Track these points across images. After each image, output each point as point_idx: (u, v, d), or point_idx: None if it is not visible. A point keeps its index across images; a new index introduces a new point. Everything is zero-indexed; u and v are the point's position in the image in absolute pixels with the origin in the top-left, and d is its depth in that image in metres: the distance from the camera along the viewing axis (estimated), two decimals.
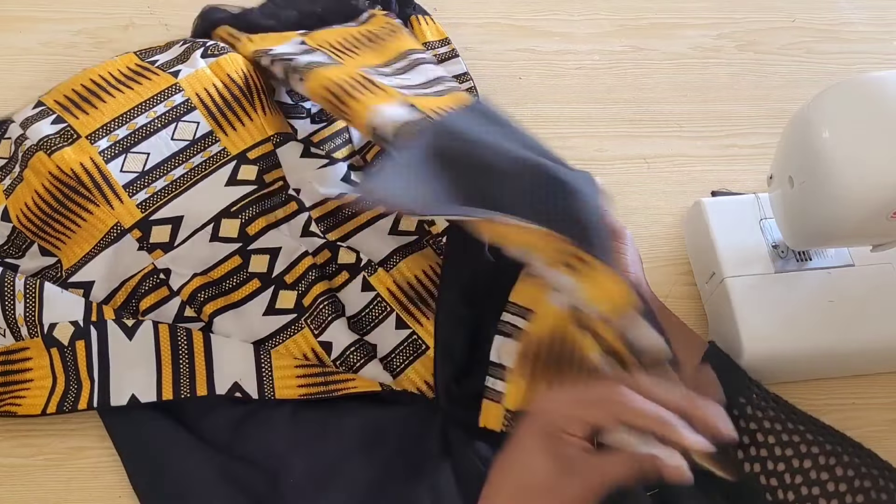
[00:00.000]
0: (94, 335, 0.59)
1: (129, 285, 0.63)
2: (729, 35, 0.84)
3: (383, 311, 0.65)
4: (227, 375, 0.60)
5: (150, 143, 0.64)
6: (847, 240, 0.59)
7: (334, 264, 0.67)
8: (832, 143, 0.51)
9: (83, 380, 0.59)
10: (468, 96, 0.66)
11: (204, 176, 0.65)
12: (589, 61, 0.84)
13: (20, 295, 0.60)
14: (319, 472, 0.58)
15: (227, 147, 0.66)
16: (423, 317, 0.65)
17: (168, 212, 0.64)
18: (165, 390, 0.59)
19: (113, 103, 0.65)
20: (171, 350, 0.60)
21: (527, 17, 0.86)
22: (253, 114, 0.67)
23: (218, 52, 0.69)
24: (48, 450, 0.61)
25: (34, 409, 0.59)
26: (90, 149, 0.63)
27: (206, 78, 0.67)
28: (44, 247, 0.65)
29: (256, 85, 0.69)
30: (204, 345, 0.60)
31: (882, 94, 0.51)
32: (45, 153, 0.62)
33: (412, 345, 0.64)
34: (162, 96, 0.66)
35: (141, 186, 0.63)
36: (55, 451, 0.61)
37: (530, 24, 0.86)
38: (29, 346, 0.61)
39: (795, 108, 0.55)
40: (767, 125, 0.79)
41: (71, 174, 0.62)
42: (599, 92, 0.81)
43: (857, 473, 0.52)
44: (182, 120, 0.65)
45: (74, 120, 0.64)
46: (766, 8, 0.86)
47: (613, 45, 0.84)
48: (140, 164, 0.64)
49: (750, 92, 0.76)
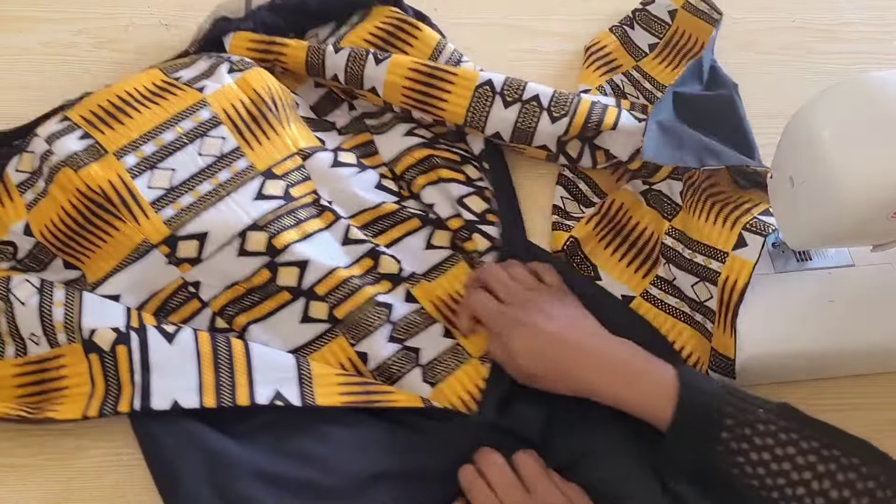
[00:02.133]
0: (135, 340, 0.59)
1: (159, 297, 0.63)
2: (729, 35, 0.84)
3: (428, 321, 0.66)
4: (268, 383, 0.59)
5: (176, 158, 0.64)
6: (847, 240, 0.59)
7: (376, 272, 0.67)
8: (832, 143, 0.51)
9: (124, 384, 0.58)
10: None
11: (231, 191, 0.65)
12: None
13: (59, 303, 0.60)
14: (354, 482, 0.58)
15: (254, 162, 0.66)
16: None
17: (194, 227, 0.63)
18: (207, 397, 0.58)
19: (140, 119, 0.65)
20: (212, 357, 0.59)
21: (527, 17, 0.86)
22: (279, 128, 0.68)
23: (244, 67, 0.69)
24: (49, 449, 0.61)
25: (73, 414, 0.58)
26: (117, 165, 0.63)
27: (233, 93, 0.67)
28: (67, 261, 0.65)
29: (283, 99, 0.69)
30: (245, 352, 0.60)
31: (882, 94, 0.51)
32: (73, 169, 0.62)
33: (456, 354, 0.65)
34: (188, 112, 0.66)
35: (168, 202, 0.63)
36: (56, 450, 0.61)
37: (530, 24, 0.86)
38: (65, 352, 0.60)
39: (795, 108, 0.55)
40: (767, 125, 0.79)
41: (98, 191, 0.62)
42: None
43: (853, 492, 0.51)
44: (208, 135, 0.65)
45: (101, 136, 0.64)
46: (766, 8, 0.86)
47: None
48: (167, 180, 0.64)
49: (750, 92, 0.76)
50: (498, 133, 0.71)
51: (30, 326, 0.60)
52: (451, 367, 0.64)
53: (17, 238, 0.64)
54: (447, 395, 0.63)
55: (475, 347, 0.65)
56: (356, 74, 0.72)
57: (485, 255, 0.68)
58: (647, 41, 0.83)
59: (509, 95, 0.70)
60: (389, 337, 0.64)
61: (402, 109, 0.74)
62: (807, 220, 0.55)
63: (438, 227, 0.70)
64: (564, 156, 0.72)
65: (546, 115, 0.69)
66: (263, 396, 0.59)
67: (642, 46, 0.83)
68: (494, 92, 0.70)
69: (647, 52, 0.82)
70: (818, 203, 0.53)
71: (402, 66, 0.71)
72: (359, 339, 0.64)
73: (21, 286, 0.61)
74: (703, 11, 0.80)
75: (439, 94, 0.71)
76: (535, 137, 0.71)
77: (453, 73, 0.71)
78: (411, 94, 0.71)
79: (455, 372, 0.64)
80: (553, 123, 0.69)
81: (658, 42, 0.82)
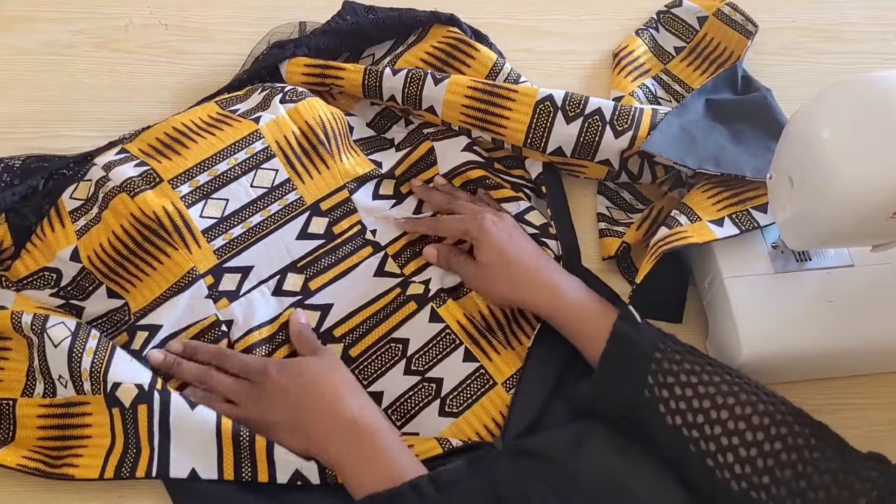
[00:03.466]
0: (157, 401, 0.58)
1: (191, 331, 0.63)
2: None
3: (451, 343, 0.65)
4: (288, 466, 0.58)
5: (229, 189, 0.65)
6: (847, 240, 0.59)
7: (403, 296, 0.67)
8: (832, 143, 0.51)
9: (143, 446, 0.58)
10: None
11: (279, 225, 0.66)
12: (589, 61, 0.84)
13: (90, 351, 0.59)
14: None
15: (303, 195, 0.67)
16: (493, 351, 0.65)
17: (241, 260, 0.65)
18: (227, 470, 0.57)
19: (195, 149, 0.66)
20: (232, 437, 0.58)
21: (527, 17, 0.86)
22: (330, 161, 0.68)
23: (297, 98, 0.69)
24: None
25: (91, 473, 0.58)
26: (172, 193, 0.63)
27: (286, 125, 0.67)
28: (112, 289, 0.64)
29: (335, 129, 0.69)
30: (266, 440, 0.58)
31: (882, 94, 0.51)
32: (128, 195, 0.62)
33: (479, 379, 0.64)
34: (243, 143, 0.66)
35: (219, 232, 0.64)
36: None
37: (530, 24, 0.86)
38: (90, 401, 0.59)
39: (795, 108, 0.55)
40: None
41: (153, 217, 0.62)
42: (600, 92, 0.81)
43: (772, 421, 0.53)
44: (261, 167, 0.66)
45: (157, 164, 0.64)
46: (766, 8, 0.86)
47: (613, 45, 0.84)
48: (219, 210, 0.64)
49: None
50: (560, 148, 0.70)
51: (59, 368, 0.59)
52: (475, 395, 0.63)
53: (63, 264, 0.64)
54: (470, 427, 0.62)
55: (498, 372, 0.64)
56: (414, 95, 0.72)
57: None
58: (673, 44, 0.83)
59: (571, 110, 0.69)
60: (406, 370, 0.64)
61: (460, 129, 0.73)
62: (807, 220, 0.55)
63: None
64: (626, 172, 0.71)
65: (609, 130, 0.69)
66: (283, 475, 0.57)
67: (668, 49, 0.83)
68: (556, 108, 0.69)
69: (673, 55, 0.83)
70: (818, 203, 0.53)
71: (462, 85, 0.71)
72: (371, 381, 0.64)
73: (57, 327, 0.60)
74: (736, 22, 0.81)
75: (500, 111, 0.70)
76: (599, 152, 0.70)
77: (513, 90, 0.70)
78: (471, 112, 0.71)
79: (480, 400, 0.63)
80: (617, 138, 0.69)
81: (684, 46, 0.83)
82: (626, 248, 0.69)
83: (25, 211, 0.66)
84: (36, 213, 0.66)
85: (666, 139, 0.67)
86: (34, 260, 0.65)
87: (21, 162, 0.70)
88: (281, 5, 0.84)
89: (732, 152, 0.67)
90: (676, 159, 0.66)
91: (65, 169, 0.69)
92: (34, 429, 0.60)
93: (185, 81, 0.79)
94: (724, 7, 0.82)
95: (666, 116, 0.69)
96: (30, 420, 0.60)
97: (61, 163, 0.69)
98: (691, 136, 0.68)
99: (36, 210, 0.66)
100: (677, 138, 0.68)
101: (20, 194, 0.66)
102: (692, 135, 0.69)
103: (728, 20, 0.81)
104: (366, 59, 0.80)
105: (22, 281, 0.64)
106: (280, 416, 0.59)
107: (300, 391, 0.59)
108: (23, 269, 0.65)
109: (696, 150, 0.67)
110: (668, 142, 0.67)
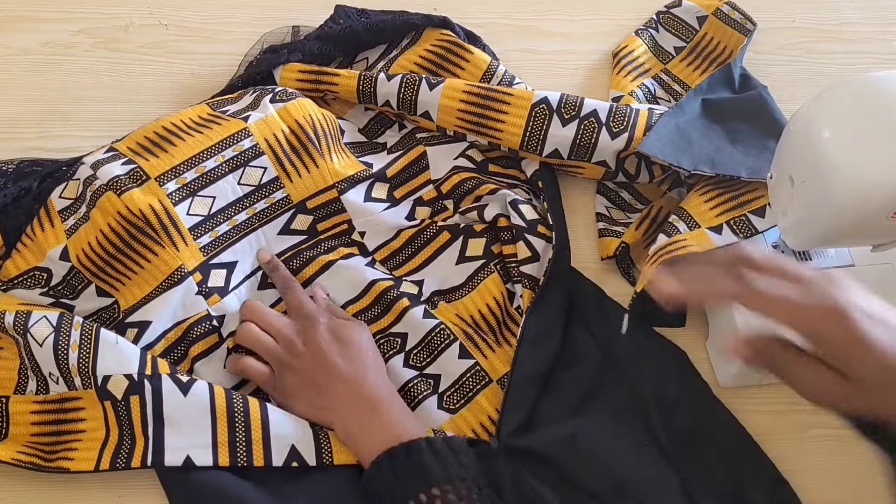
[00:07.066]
0: (148, 390, 0.57)
1: (181, 327, 0.63)
2: None
3: (447, 339, 0.64)
4: (284, 443, 0.58)
5: (216, 187, 0.65)
6: (847, 240, 0.59)
7: (396, 291, 0.66)
8: (832, 143, 0.51)
9: (137, 436, 0.58)
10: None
11: (264, 222, 0.67)
12: (589, 61, 0.84)
13: (74, 345, 0.59)
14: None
15: (290, 194, 0.67)
16: (489, 349, 0.65)
17: (226, 256, 0.65)
18: (222, 456, 0.57)
19: (183, 147, 0.65)
20: (227, 415, 0.58)
21: (527, 17, 0.86)
22: (319, 159, 0.68)
23: (286, 98, 0.69)
24: None
25: (87, 466, 0.58)
26: (159, 191, 0.63)
27: (275, 123, 0.67)
28: (101, 287, 0.64)
29: (325, 129, 0.69)
30: (261, 413, 0.59)
31: (882, 94, 0.51)
32: (115, 193, 0.62)
33: (475, 376, 0.64)
34: (231, 140, 0.66)
35: (205, 230, 0.64)
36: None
37: (530, 24, 0.86)
38: (82, 395, 0.59)
39: (795, 108, 0.55)
40: None
41: (139, 215, 0.62)
42: (599, 92, 0.81)
43: None
44: (249, 165, 0.66)
45: (144, 162, 0.64)
46: (766, 8, 0.86)
47: (613, 45, 0.84)
48: (206, 207, 0.64)
49: None
50: (556, 151, 0.70)
51: (48, 366, 0.59)
52: (471, 393, 0.63)
53: (53, 264, 0.64)
54: (467, 424, 0.62)
55: (493, 369, 0.64)
56: (409, 100, 0.72)
57: (522, 266, 0.67)
58: (673, 44, 0.83)
59: (567, 113, 0.69)
60: (405, 362, 0.64)
61: (455, 134, 0.73)
62: (807, 220, 0.55)
63: (471, 237, 0.70)
64: (623, 173, 0.71)
65: (605, 131, 0.68)
66: (279, 456, 0.58)
67: (668, 49, 0.83)
68: (551, 110, 0.69)
69: (673, 54, 0.83)
70: (818, 203, 0.53)
71: (457, 89, 0.71)
72: None
73: (39, 324, 0.60)
74: (734, 20, 0.81)
75: (495, 115, 0.70)
76: (595, 154, 0.70)
77: (508, 93, 0.70)
78: (466, 117, 0.71)
79: (476, 398, 0.63)
80: (613, 140, 0.68)
81: (684, 46, 0.83)
82: (625, 248, 0.69)
83: (17, 212, 0.66)
84: (27, 215, 0.66)
85: (661, 140, 0.67)
86: (25, 260, 0.65)
87: (15, 166, 0.70)
88: (281, 5, 0.84)
89: (728, 152, 0.67)
90: (672, 161, 0.66)
91: (58, 172, 0.69)
92: (28, 425, 0.60)
93: (185, 81, 0.79)
94: (723, 6, 0.82)
95: (662, 117, 0.69)
96: (23, 417, 0.60)
97: (54, 166, 0.69)
98: (687, 136, 0.68)
99: (27, 211, 0.66)
100: (673, 139, 0.68)
101: (12, 196, 0.66)
102: (688, 135, 0.69)
103: (727, 19, 0.81)
104: (359, 63, 0.80)
105: (12, 281, 0.64)
106: (307, 365, 0.61)
107: (340, 350, 0.61)
108: (13, 269, 0.65)
109: (692, 150, 0.67)
110: (663, 143, 0.67)
